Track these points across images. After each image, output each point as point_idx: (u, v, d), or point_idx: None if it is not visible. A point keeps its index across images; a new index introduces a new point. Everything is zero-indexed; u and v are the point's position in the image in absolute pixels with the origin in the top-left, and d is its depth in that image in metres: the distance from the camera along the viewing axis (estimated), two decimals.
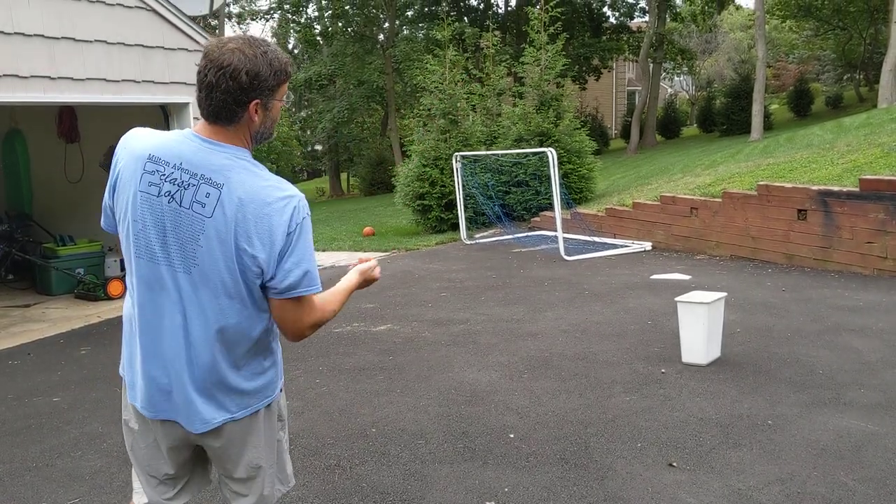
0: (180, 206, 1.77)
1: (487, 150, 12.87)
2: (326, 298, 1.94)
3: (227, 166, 1.77)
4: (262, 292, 1.85)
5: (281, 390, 2.08)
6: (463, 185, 11.53)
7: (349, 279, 2.08)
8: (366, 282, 2.12)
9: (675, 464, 3.33)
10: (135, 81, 6.50)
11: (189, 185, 1.77)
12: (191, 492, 2.11)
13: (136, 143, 1.86)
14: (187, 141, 1.81)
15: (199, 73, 1.76)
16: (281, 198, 1.77)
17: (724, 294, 4.88)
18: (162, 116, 7.21)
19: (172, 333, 1.84)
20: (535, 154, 11.76)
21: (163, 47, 6.69)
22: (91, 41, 6.15)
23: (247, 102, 1.76)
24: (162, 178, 1.78)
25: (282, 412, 2.12)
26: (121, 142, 1.90)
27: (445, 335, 5.74)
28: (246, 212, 1.75)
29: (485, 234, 11.69)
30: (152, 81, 6.63)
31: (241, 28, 32.22)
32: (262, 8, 36.42)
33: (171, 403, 1.89)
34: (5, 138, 9.38)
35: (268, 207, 1.75)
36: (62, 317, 7.09)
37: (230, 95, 1.74)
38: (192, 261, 1.78)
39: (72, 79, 6.05)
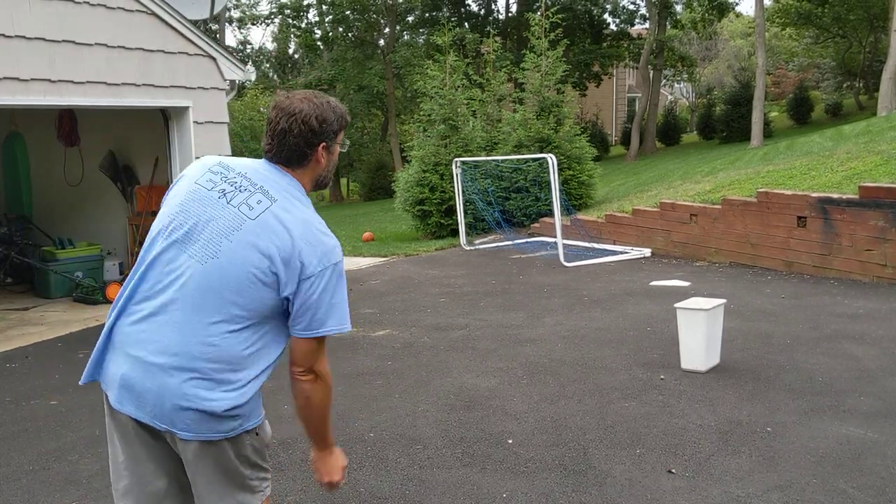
0: (228, 203, 1.86)
1: (487, 155, 12.87)
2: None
3: (286, 189, 1.90)
4: (272, 315, 1.87)
5: (257, 431, 1.96)
6: (463, 191, 11.53)
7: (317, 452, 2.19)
8: (327, 472, 2.16)
9: (674, 470, 3.32)
10: (135, 85, 6.50)
11: (245, 189, 1.88)
12: None
13: (214, 158, 2.01)
14: (258, 162, 1.97)
15: (270, 122, 1.93)
16: (323, 233, 1.88)
17: (724, 301, 4.87)
18: (162, 120, 7.21)
19: (169, 322, 1.81)
20: (535, 160, 11.76)
21: (163, 51, 6.69)
22: (92, 44, 6.15)
23: (316, 145, 1.93)
24: (223, 178, 1.91)
25: (258, 459, 1.97)
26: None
27: (444, 341, 5.73)
28: (288, 233, 1.83)
29: (484, 239, 11.69)
30: (152, 85, 6.63)
31: (241, 33, 32.28)
32: (262, 13, 36.47)
33: (145, 395, 1.82)
34: (5, 141, 9.40)
35: (309, 236, 1.84)
36: (60, 320, 7.08)
37: (302, 139, 1.91)
38: (215, 253, 1.81)
39: (72, 82, 6.05)
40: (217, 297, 1.81)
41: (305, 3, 29.55)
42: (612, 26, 31.51)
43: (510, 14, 31.28)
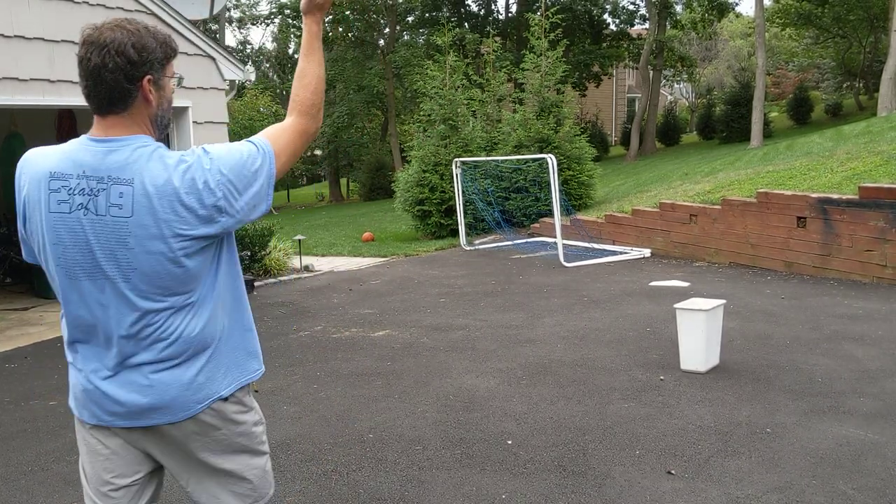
0: (97, 214, 1.67)
1: (487, 155, 12.88)
2: (296, 101, 1.86)
3: (131, 159, 1.67)
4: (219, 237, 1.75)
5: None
6: (462, 191, 11.53)
7: (305, 34, 1.90)
8: (317, 7, 1.89)
9: (673, 471, 3.31)
10: None
11: (99, 190, 1.66)
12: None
13: (34, 164, 1.74)
14: (84, 147, 1.71)
15: (80, 61, 1.66)
16: (183, 172, 1.68)
17: (723, 301, 4.87)
18: None
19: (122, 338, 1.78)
20: (534, 160, 11.77)
21: None
22: None
23: (139, 79, 1.67)
24: (69, 193, 1.68)
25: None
26: (19, 167, 1.78)
27: (444, 341, 5.73)
28: (163, 200, 1.65)
29: (484, 240, 11.69)
30: None
31: (241, 33, 32.29)
32: (262, 13, 36.50)
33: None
34: (5, 141, 9.38)
35: (188, 187, 1.67)
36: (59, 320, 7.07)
37: (121, 73, 1.64)
38: (128, 266, 1.68)
39: (71, 82, 6.05)
40: (161, 299, 1.73)
41: None
42: (612, 27, 31.51)
43: (510, 14, 31.28)
